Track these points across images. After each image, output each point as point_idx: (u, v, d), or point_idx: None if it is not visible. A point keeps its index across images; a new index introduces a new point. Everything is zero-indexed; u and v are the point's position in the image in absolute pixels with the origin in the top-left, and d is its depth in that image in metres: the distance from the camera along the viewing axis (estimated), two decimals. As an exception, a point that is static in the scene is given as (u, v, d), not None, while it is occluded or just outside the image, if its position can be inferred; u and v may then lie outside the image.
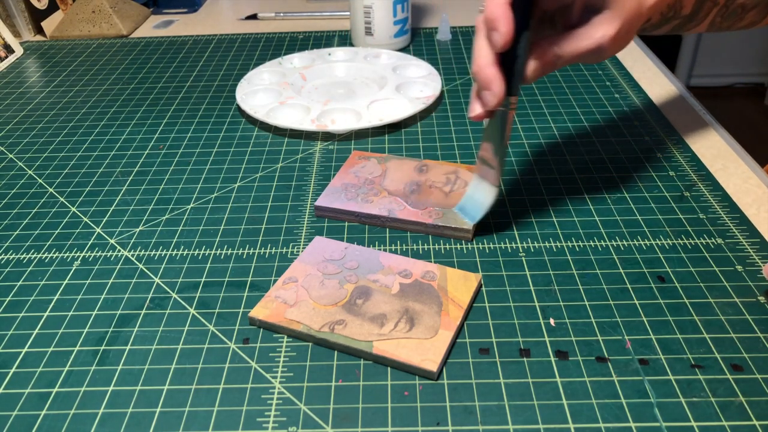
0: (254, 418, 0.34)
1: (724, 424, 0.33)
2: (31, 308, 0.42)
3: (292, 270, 0.43)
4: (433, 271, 0.43)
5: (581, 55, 0.42)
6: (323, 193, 0.51)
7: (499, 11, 0.38)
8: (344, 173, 0.53)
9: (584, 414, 0.34)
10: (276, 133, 0.63)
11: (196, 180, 0.56)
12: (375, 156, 0.55)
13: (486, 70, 0.40)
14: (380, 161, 0.55)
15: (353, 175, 0.53)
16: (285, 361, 0.38)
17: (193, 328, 0.40)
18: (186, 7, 1.03)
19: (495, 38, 0.39)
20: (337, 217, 0.48)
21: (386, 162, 0.54)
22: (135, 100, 0.72)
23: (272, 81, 0.71)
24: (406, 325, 0.38)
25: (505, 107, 0.42)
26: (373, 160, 0.55)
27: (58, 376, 0.37)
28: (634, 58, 0.76)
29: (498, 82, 0.40)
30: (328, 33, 0.89)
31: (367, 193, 0.50)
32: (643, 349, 0.37)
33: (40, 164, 0.60)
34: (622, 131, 0.60)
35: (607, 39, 0.41)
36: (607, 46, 0.42)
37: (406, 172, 0.53)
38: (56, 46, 0.90)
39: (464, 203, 0.47)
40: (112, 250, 0.48)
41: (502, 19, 0.38)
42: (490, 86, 0.41)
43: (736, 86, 2.43)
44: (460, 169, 0.54)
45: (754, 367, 0.36)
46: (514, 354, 0.37)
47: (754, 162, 0.55)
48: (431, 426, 0.34)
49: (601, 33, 0.41)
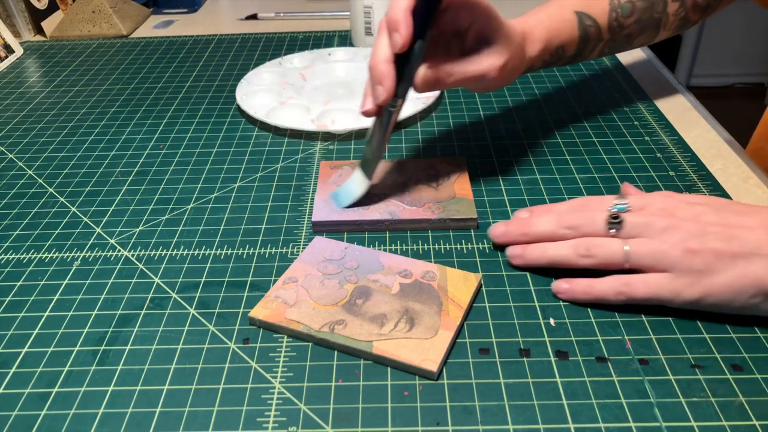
0: (254, 418, 0.34)
1: (724, 424, 0.33)
2: (31, 308, 0.42)
3: (292, 270, 0.43)
4: (433, 271, 0.43)
5: (469, 78, 0.46)
6: (315, 209, 0.49)
7: (400, 15, 0.42)
8: (324, 185, 0.52)
9: (584, 414, 0.34)
10: (276, 133, 0.63)
11: (196, 180, 0.56)
12: (346, 163, 0.55)
13: (381, 66, 0.43)
14: (353, 167, 0.53)
15: (335, 186, 0.51)
16: (285, 361, 0.38)
17: (193, 328, 0.40)
18: (186, 7, 1.03)
19: (395, 39, 0.42)
20: (338, 229, 0.48)
21: None
22: (135, 100, 0.72)
23: (272, 81, 0.71)
24: (406, 325, 0.38)
25: (392, 107, 0.45)
26: (346, 168, 0.54)
27: (58, 376, 0.37)
28: (634, 58, 0.76)
29: (390, 79, 0.43)
30: (328, 33, 0.89)
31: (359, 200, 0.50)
32: (643, 349, 0.37)
33: (40, 164, 0.60)
34: (622, 131, 0.60)
35: (494, 69, 0.46)
36: (493, 76, 0.47)
37: (387, 173, 0.53)
38: (56, 46, 0.90)
39: (338, 192, 0.50)
40: (112, 250, 0.48)
41: (403, 22, 0.42)
42: (383, 81, 0.43)
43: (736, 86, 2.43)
44: (435, 162, 0.54)
45: (754, 367, 0.36)
46: (514, 354, 0.37)
47: (754, 162, 0.55)
48: (431, 426, 0.34)
49: (489, 63, 0.46)
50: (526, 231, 0.43)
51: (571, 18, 0.54)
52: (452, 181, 0.51)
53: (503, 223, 0.45)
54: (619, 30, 0.56)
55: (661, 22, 0.57)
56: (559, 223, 0.42)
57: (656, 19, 0.57)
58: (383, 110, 0.46)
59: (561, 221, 0.42)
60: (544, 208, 0.45)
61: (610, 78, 0.71)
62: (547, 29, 0.52)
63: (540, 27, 0.52)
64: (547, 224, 0.42)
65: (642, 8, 0.56)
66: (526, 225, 0.43)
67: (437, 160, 0.55)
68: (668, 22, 0.57)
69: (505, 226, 0.44)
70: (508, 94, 0.68)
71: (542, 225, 0.42)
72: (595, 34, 0.55)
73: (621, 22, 0.55)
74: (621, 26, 0.56)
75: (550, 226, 0.42)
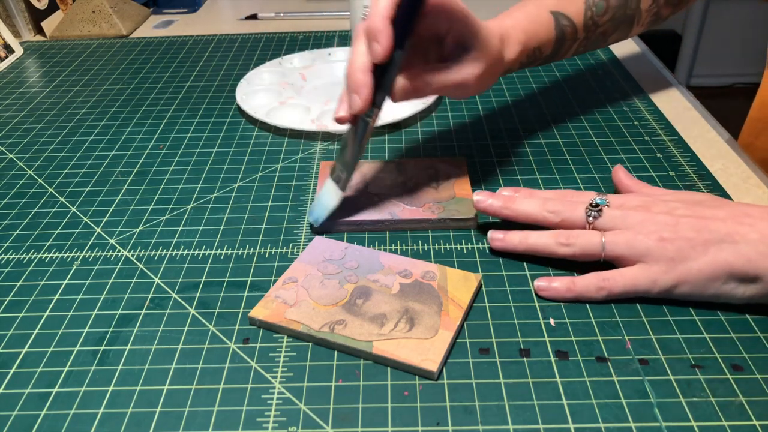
0: (254, 418, 0.34)
1: (724, 424, 0.33)
2: (31, 308, 0.42)
3: (292, 270, 0.43)
4: (433, 271, 0.43)
5: (448, 86, 0.46)
6: None
7: (381, 24, 0.41)
8: None
9: (584, 414, 0.34)
10: (276, 133, 0.63)
11: (196, 180, 0.56)
12: None
13: (359, 75, 0.42)
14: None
15: None
16: (285, 361, 0.38)
17: (193, 328, 0.40)
18: (186, 7, 1.03)
19: (375, 49, 0.41)
20: (338, 229, 0.48)
21: (360, 167, 0.54)
22: (135, 100, 0.72)
23: (272, 81, 0.71)
24: (406, 325, 0.38)
25: (368, 116, 0.44)
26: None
27: (58, 376, 0.37)
28: (634, 58, 0.76)
29: (367, 89, 0.42)
30: (328, 33, 0.89)
31: (359, 200, 0.50)
32: (643, 349, 0.37)
33: (40, 164, 0.60)
34: (622, 131, 0.60)
35: (473, 77, 0.46)
36: (472, 84, 0.46)
37: (387, 173, 0.53)
38: (56, 46, 0.90)
39: (313, 206, 0.48)
40: (112, 250, 0.48)
41: (383, 31, 0.41)
42: (359, 91, 0.42)
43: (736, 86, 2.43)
44: (435, 162, 0.54)
45: (754, 367, 0.36)
46: (514, 354, 0.37)
47: (751, 159, 0.55)
48: (431, 426, 0.34)
49: (468, 71, 0.46)
50: (510, 206, 0.44)
51: (547, 18, 0.53)
52: (452, 181, 0.51)
53: (487, 193, 0.45)
54: (594, 28, 0.56)
55: (635, 18, 0.57)
56: (543, 206, 0.43)
57: (629, 15, 0.57)
58: (359, 119, 0.44)
59: (544, 205, 0.43)
60: (528, 191, 0.46)
61: (610, 78, 0.71)
62: (525, 31, 0.52)
63: (517, 29, 0.52)
64: (530, 205, 0.44)
65: (616, 6, 0.56)
66: (511, 200, 0.45)
67: (437, 160, 0.55)
68: (641, 18, 0.58)
69: (489, 197, 0.45)
70: (509, 94, 0.68)
71: (526, 204, 0.44)
72: (571, 33, 0.55)
73: (596, 20, 0.55)
74: (596, 24, 0.56)
75: (534, 207, 0.44)
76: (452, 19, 0.45)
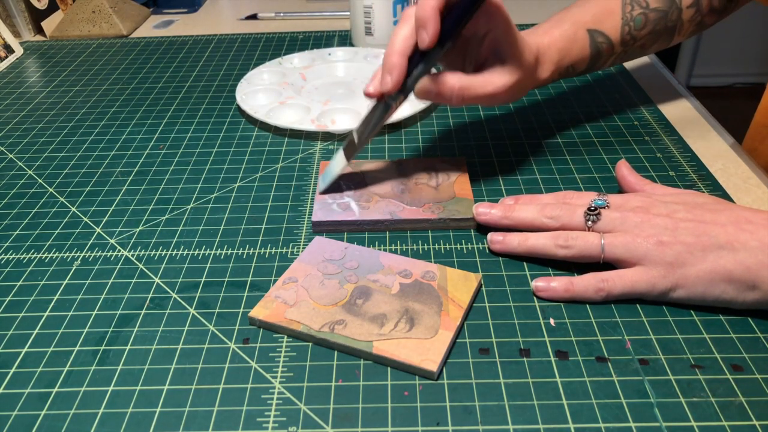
0: (254, 418, 0.34)
1: (724, 424, 0.33)
2: (31, 308, 0.42)
3: (292, 270, 0.43)
4: (433, 271, 0.43)
5: (478, 98, 0.46)
6: (315, 208, 0.49)
7: (429, 14, 0.41)
8: None
9: (584, 414, 0.34)
10: (276, 133, 0.63)
11: (196, 180, 0.56)
12: None
13: (396, 57, 0.44)
14: (353, 166, 0.54)
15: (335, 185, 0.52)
16: (285, 361, 0.38)
17: (193, 328, 0.40)
18: (186, 7, 1.03)
19: (422, 36, 0.42)
20: (338, 229, 0.48)
21: (360, 166, 0.54)
22: (135, 100, 0.72)
23: (272, 81, 0.71)
24: (406, 325, 0.38)
25: (393, 100, 0.45)
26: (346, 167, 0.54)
27: (58, 376, 0.37)
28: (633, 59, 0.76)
29: (400, 72, 0.44)
30: (328, 33, 0.89)
31: (359, 200, 0.50)
32: (643, 349, 0.37)
33: (40, 164, 0.60)
34: (622, 131, 0.60)
35: (503, 88, 0.46)
36: (502, 96, 0.47)
37: (387, 173, 0.53)
38: (56, 46, 0.90)
39: (324, 173, 0.51)
40: (112, 250, 0.48)
41: (432, 21, 0.42)
42: (393, 72, 0.44)
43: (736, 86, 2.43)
44: (435, 162, 0.54)
45: (754, 367, 0.36)
46: (514, 354, 0.37)
47: (754, 162, 0.55)
48: (431, 426, 0.34)
49: (502, 82, 0.46)
50: (509, 215, 0.45)
51: (583, 36, 0.53)
52: (452, 181, 0.51)
53: (488, 205, 0.46)
54: (632, 42, 0.56)
55: (675, 29, 0.57)
56: (541, 212, 0.44)
57: (670, 27, 0.56)
58: (383, 100, 0.46)
59: (543, 211, 0.43)
60: (528, 198, 0.46)
61: (610, 78, 0.71)
62: (560, 51, 0.52)
63: (553, 48, 0.52)
64: (529, 212, 0.44)
65: (655, 19, 0.55)
66: (510, 209, 0.45)
67: (437, 160, 0.55)
68: (683, 28, 0.57)
69: (489, 208, 0.45)
70: (508, 94, 0.68)
71: (524, 212, 0.44)
72: (608, 50, 0.55)
73: (634, 35, 0.55)
74: (634, 39, 0.55)
75: (532, 214, 0.44)
76: (493, 21, 0.45)
